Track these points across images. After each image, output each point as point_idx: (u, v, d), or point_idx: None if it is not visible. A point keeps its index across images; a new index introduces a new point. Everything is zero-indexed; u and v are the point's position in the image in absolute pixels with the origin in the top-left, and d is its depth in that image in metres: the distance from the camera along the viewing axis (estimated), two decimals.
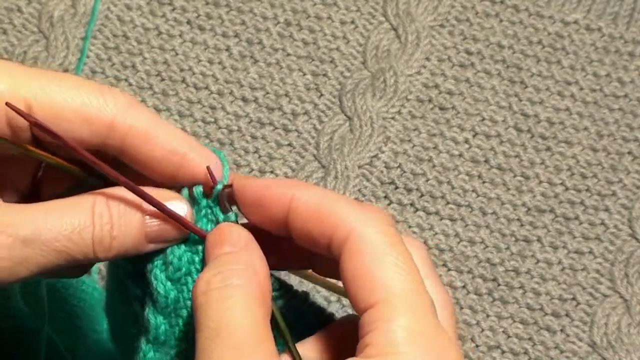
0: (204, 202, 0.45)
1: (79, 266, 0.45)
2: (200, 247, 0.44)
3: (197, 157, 0.44)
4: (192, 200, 0.45)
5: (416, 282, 0.40)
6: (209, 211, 0.45)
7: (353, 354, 0.40)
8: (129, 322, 0.47)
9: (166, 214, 0.43)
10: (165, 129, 0.44)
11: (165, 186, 0.45)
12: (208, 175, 0.44)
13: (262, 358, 0.38)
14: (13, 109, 0.41)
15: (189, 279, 0.44)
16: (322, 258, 0.43)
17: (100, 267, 0.74)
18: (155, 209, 0.43)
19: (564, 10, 0.86)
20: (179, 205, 0.44)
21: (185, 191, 0.45)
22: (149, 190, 0.43)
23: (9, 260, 0.41)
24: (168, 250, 0.44)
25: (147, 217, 0.43)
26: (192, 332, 0.42)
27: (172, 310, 0.44)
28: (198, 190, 0.44)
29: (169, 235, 0.44)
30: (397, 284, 0.39)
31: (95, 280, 0.73)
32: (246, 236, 0.43)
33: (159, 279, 0.44)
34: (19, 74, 0.42)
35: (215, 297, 0.40)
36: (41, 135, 0.43)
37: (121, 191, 0.43)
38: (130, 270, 0.46)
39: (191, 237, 0.44)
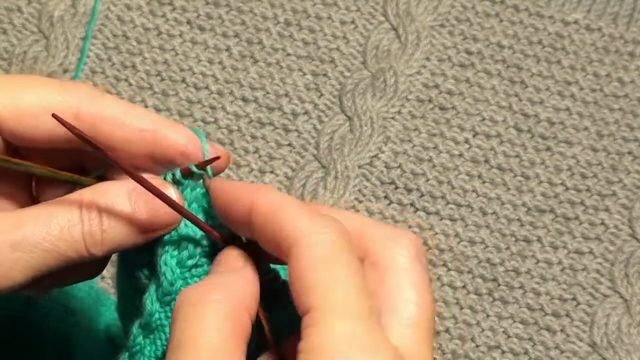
0: (193, 185, 0.44)
1: (86, 266, 0.45)
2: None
3: (169, 133, 0.44)
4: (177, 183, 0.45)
5: (353, 286, 0.39)
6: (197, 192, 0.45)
7: None
8: (133, 298, 0.46)
9: (181, 213, 0.43)
10: (134, 111, 0.44)
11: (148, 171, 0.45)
12: (185, 150, 0.44)
13: None
14: (60, 121, 0.41)
15: (200, 270, 0.44)
16: None
17: None
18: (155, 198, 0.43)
19: (564, 10, 0.86)
20: (170, 192, 0.44)
21: (169, 175, 0.45)
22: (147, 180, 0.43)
23: (0, 265, 0.41)
24: (183, 238, 0.44)
25: (136, 206, 0.43)
26: None
27: (172, 299, 0.44)
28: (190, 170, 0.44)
29: (162, 223, 0.44)
30: (330, 289, 0.38)
31: (94, 280, 0.73)
32: (242, 260, 0.43)
33: (169, 265, 0.43)
34: None
35: (189, 309, 0.40)
36: (25, 144, 0.44)
37: (108, 186, 0.44)
38: (137, 259, 0.46)
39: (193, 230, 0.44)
